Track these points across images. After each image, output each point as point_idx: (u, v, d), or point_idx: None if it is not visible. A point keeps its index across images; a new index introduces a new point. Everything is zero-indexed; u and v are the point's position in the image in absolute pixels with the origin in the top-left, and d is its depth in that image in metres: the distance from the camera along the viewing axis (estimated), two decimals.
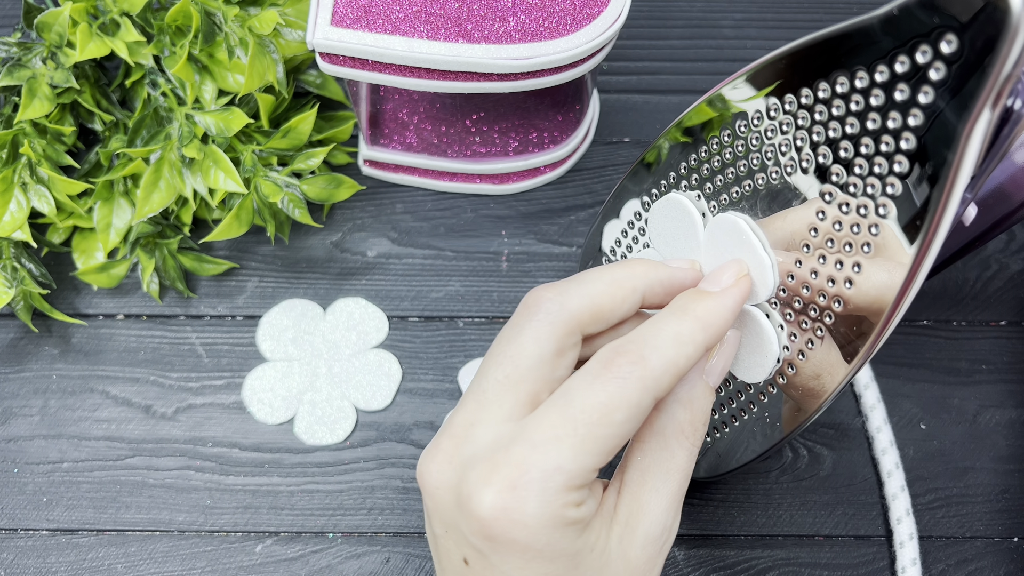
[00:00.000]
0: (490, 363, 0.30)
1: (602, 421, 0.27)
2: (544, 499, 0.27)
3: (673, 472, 0.30)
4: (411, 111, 0.46)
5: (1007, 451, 0.45)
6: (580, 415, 0.27)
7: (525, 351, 0.29)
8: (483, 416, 0.29)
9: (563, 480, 0.27)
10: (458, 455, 0.29)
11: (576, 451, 0.27)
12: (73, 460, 0.44)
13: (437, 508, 0.29)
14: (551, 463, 0.27)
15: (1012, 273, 0.48)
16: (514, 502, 0.27)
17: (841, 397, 0.46)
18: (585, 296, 0.30)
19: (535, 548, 0.27)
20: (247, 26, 0.43)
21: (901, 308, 0.29)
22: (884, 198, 0.28)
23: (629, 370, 0.28)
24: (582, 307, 0.29)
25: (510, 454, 0.27)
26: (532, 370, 0.29)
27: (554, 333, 0.29)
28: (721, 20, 0.54)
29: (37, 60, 0.44)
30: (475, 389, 0.30)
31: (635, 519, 0.29)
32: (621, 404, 0.27)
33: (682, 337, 0.29)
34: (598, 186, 0.50)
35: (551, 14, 0.39)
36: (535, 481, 0.27)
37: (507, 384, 0.29)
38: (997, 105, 0.24)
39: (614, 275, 0.30)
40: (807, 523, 0.44)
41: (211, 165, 0.43)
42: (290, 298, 0.47)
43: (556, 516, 0.27)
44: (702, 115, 0.34)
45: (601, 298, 0.30)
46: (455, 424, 0.29)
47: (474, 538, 0.28)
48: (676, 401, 0.31)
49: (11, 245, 0.44)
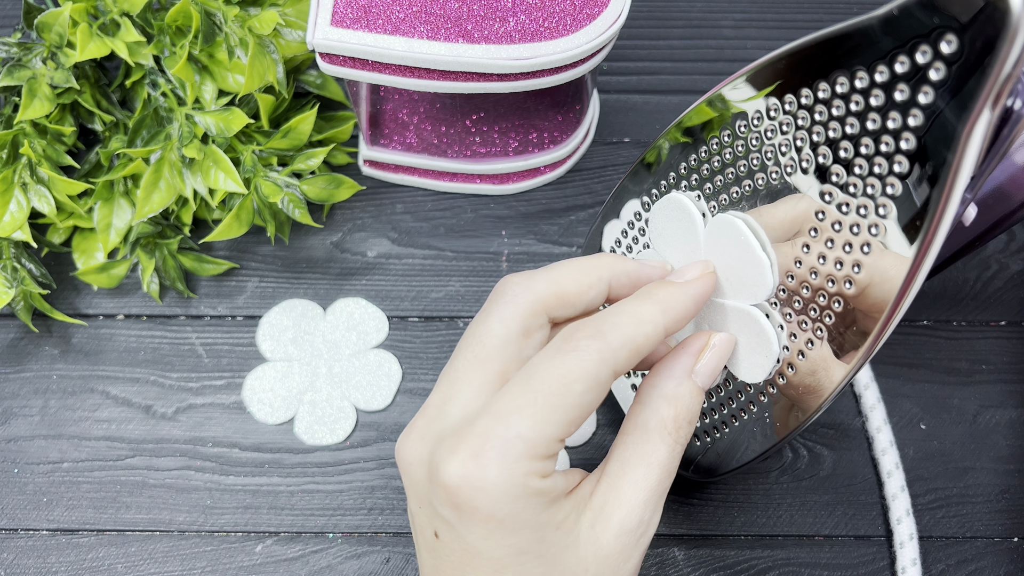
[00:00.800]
0: (462, 345, 0.31)
1: (561, 391, 0.28)
2: (504, 466, 0.28)
3: (654, 466, 0.31)
4: (411, 111, 0.46)
5: (1007, 451, 0.45)
6: (540, 386, 0.28)
7: (492, 331, 0.30)
8: (453, 394, 0.30)
9: (523, 448, 0.28)
10: (430, 431, 0.30)
11: (536, 420, 0.28)
12: (73, 460, 0.44)
13: (412, 484, 0.30)
14: (512, 432, 0.28)
15: (1012, 273, 0.48)
16: (476, 470, 0.28)
17: (841, 397, 0.46)
18: (551, 281, 0.31)
19: (497, 517, 0.28)
20: (247, 26, 0.43)
21: (901, 308, 0.29)
22: (884, 198, 0.28)
23: (587, 344, 0.29)
24: (547, 291, 0.31)
25: (474, 426, 0.28)
26: (498, 349, 0.30)
27: (519, 313, 0.30)
28: (721, 20, 0.54)
29: (37, 60, 0.44)
30: (448, 371, 0.31)
31: (611, 507, 0.30)
32: (580, 375, 0.28)
33: (642, 316, 0.30)
34: (598, 186, 0.50)
35: (551, 14, 0.39)
36: (495, 448, 0.28)
37: (476, 363, 0.30)
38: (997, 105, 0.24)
39: (581, 264, 0.32)
40: (807, 523, 0.44)
41: (211, 165, 0.43)
42: (290, 298, 0.47)
43: (519, 485, 0.28)
44: (702, 115, 0.34)
45: (567, 283, 0.31)
46: (429, 404, 0.31)
47: (442, 508, 0.29)
48: (661, 396, 0.31)
49: (11, 245, 0.44)
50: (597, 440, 0.45)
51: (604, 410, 0.46)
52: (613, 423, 0.45)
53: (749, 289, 0.33)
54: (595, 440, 0.45)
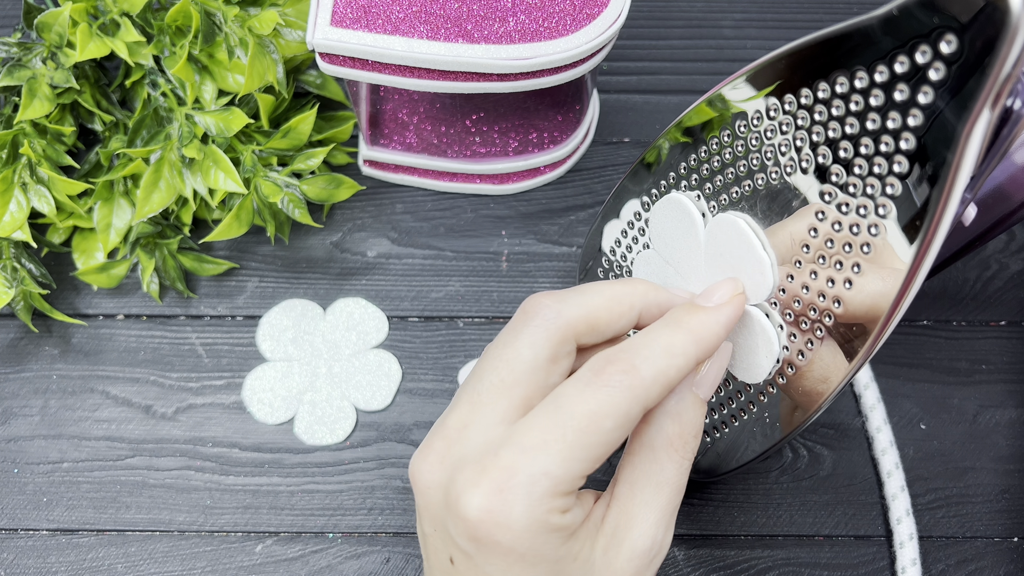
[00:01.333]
0: (486, 366, 0.30)
1: (591, 428, 0.27)
2: (530, 504, 0.27)
3: (663, 485, 0.30)
4: (411, 111, 0.46)
5: (1007, 451, 0.45)
6: (569, 421, 0.27)
7: (521, 356, 0.29)
8: (476, 418, 0.29)
9: (549, 485, 0.27)
10: (449, 456, 0.29)
11: (564, 457, 0.27)
12: (73, 460, 0.44)
13: (427, 507, 0.30)
14: (538, 468, 0.27)
15: (1012, 273, 0.48)
16: (500, 505, 0.27)
17: (841, 397, 0.46)
18: (583, 306, 0.30)
19: (517, 552, 0.27)
20: (247, 26, 0.43)
21: (901, 308, 0.29)
22: (884, 198, 0.28)
23: (620, 379, 0.28)
24: (579, 316, 0.30)
25: (499, 458, 0.27)
26: (527, 375, 0.29)
27: (550, 340, 0.29)
28: (721, 20, 0.54)
29: (37, 60, 0.44)
30: (469, 390, 0.30)
31: (622, 531, 0.30)
32: (611, 412, 0.28)
33: (674, 349, 0.29)
34: (598, 186, 0.50)
35: (551, 14, 0.39)
36: (521, 485, 0.27)
37: (501, 388, 0.29)
38: (997, 105, 0.24)
39: (614, 290, 0.31)
40: (807, 523, 0.44)
41: (211, 165, 0.43)
42: (290, 298, 0.47)
43: (541, 521, 0.27)
44: (702, 115, 0.34)
45: (599, 311, 0.30)
46: (448, 425, 0.30)
47: (460, 539, 0.28)
48: (665, 414, 0.31)
49: (11, 245, 0.44)
50: None
51: None
52: None
53: (749, 289, 0.32)
54: None
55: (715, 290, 0.32)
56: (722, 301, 0.32)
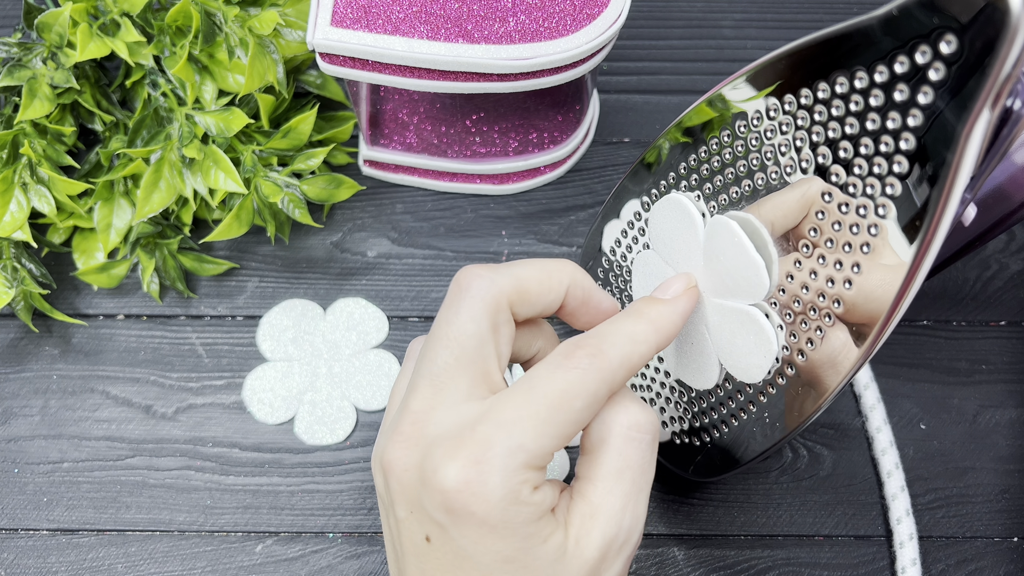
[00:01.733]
0: (436, 345, 0.31)
1: (562, 406, 0.29)
2: (505, 475, 0.28)
3: (624, 470, 0.31)
4: (411, 111, 0.46)
5: (1007, 451, 0.45)
6: (542, 399, 0.29)
7: (465, 330, 0.31)
8: (441, 399, 0.30)
9: (524, 458, 0.28)
10: (422, 437, 0.30)
11: (538, 432, 0.29)
12: (73, 460, 0.44)
13: (402, 489, 0.30)
14: (514, 441, 0.28)
15: (1012, 273, 0.48)
16: (477, 475, 0.28)
17: (841, 397, 0.46)
18: (514, 276, 0.32)
19: (490, 522, 0.28)
20: (247, 26, 0.43)
21: (901, 308, 0.29)
22: (883, 198, 0.28)
23: (588, 362, 0.29)
24: (511, 285, 0.31)
25: (475, 432, 0.29)
26: (476, 348, 0.30)
27: (487, 309, 0.31)
28: (721, 20, 0.54)
29: (37, 60, 0.44)
30: (426, 372, 0.31)
31: (589, 521, 0.30)
32: (580, 392, 0.29)
33: (637, 336, 0.31)
34: (598, 186, 0.50)
35: (551, 14, 0.39)
36: (498, 456, 0.28)
37: (457, 366, 0.30)
38: (996, 105, 0.24)
39: (544, 265, 0.33)
40: (807, 523, 0.44)
41: (211, 165, 0.43)
42: (290, 298, 0.47)
43: (515, 492, 0.28)
44: (702, 115, 0.34)
45: (530, 281, 0.32)
46: (414, 409, 0.30)
47: (436, 512, 0.29)
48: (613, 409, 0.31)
49: (11, 245, 0.44)
50: None
51: None
52: None
53: (746, 290, 0.33)
54: None
55: (670, 284, 0.34)
56: (677, 294, 0.34)
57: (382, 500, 0.32)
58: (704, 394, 0.37)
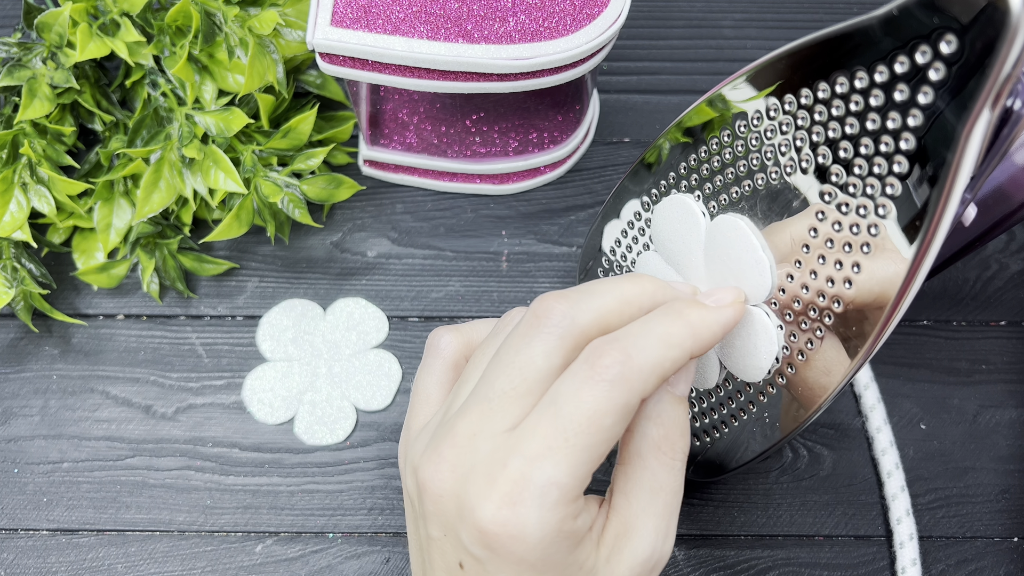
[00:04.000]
0: (497, 371, 0.29)
1: (592, 428, 0.27)
2: (542, 515, 0.27)
3: (658, 491, 0.30)
4: (411, 111, 0.46)
5: (1007, 451, 0.45)
6: (569, 424, 0.27)
7: (535, 363, 0.29)
8: (485, 427, 0.29)
9: (559, 495, 0.27)
10: (460, 465, 0.29)
11: (570, 462, 0.27)
12: (73, 460, 0.44)
13: (438, 512, 0.29)
14: (546, 478, 0.27)
15: (1012, 273, 0.48)
16: (514, 518, 0.27)
17: (841, 397, 0.46)
18: (595, 311, 0.29)
19: (529, 561, 0.28)
20: (247, 26, 0.43)
21: (901, 308, 0.29)
22: (883, 198, 0.28)
23: (617, 371, 0.27)
24: (591, 322, 0.29)
25: (507, 469, 0.27)
26: (539, 383, 0.29)
27: (563, 347, 0.29)
28: (721, 20, 0.54)
29: (37, 60, 0.44)
30: (480, 396, 0.29)
31: (623, 540, 0.30)
32: (609, 409, 0.27)
33: (671, 339, 0.29)
34: (598, 186, 0.50)
35: (551, 14, 0.39)
36: (533, 498, 0.27)
37: (514, 396, 0.29)
38: (997, 105, 0.24)
39: (624, 292, 0.30)
40: (807, 523, 0.44)
41: (211, 165, 0.43)
42: (290, 298, 0.47)
43: (555, 530, 0.27)
44: (702, 115, 0.34)
45: (610, 316, 0.29)
46: (458, 432, 0.29)
47: (474, 547, 0.28)
48: (645, 419, 0.30)
49: (11, 245, 0.44)
50: None
51: None
52: None
53: (749, 290, 0.32)
54: None
55: (720, 291, 0.32)
56: (724, 304, 0.31)
57: (412, 507, 0.31)
58: (704, 394, 0.37)
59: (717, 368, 0.35)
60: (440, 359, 0.34)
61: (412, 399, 0.34)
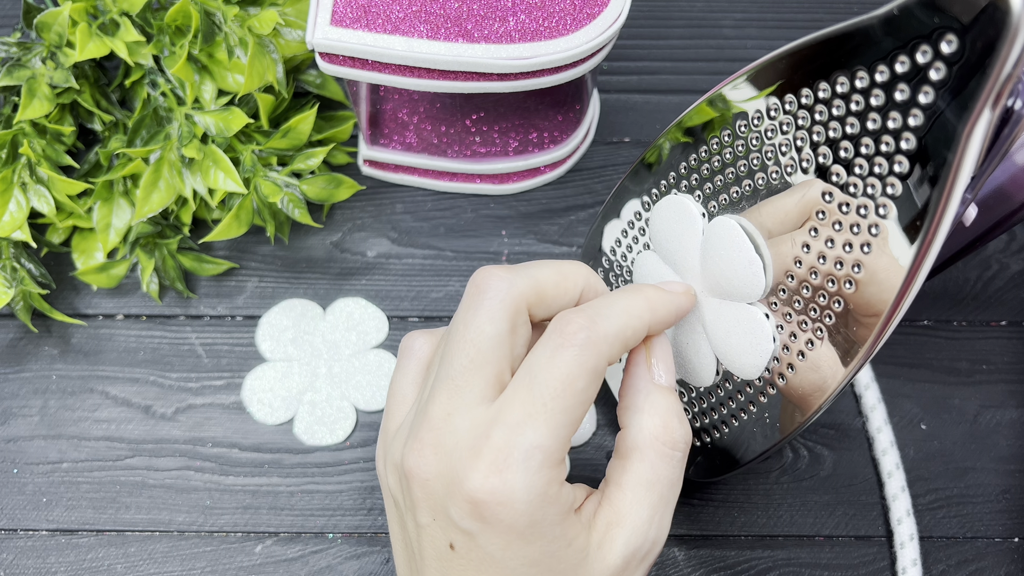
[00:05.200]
0: (453, 348, 0.31)
1: (567, 392, 0.29)
2: (528, 478, 0.28)
3: (655, 483, 0.31)
4: (411, 111, 0.46)
5: (1007, 451, 0.45)
6: (545, 390, 0.29)
7: (484, 332, 0.30)
8: (457, 404, 0.30)
9: (542, 457, 0.28)
10: (442, 445, 0.30)
11: (549, 426, 0.29)
12: (73, 460, 0.44)
13: (427, 496, 0.30)
14: (529, 441, 0.28)
15: (1012, 273, 0.48)
16: (502, 483, 0.28)
17: (841, 397, 0.46)
18: (532, 278, 0.31)
19: (518, 527, 0.28)
20: (247, 26, 0.43)
21: (901, 308, 0.29)
22: (884, 198, 0.28)
23: (584, 336, 0.29)
24: (529, 287, 0.31)
25: (491, 438, 0.29)
26: (493, 350, 0.30)
27: (506, 311, 0.30)
28: (721, 20, 0.54)
29: (37, 60, 0.44)
30: (443, 377, 0.31)
31: (615, 528, 0.30)
32: (580, 372, 0.29)
33: (632, 310, 0.31)
34: (598, 186, 0.50)
35: (551, 14, 0.39)
36: (518, 462, 0.28)
37: (472, 368, 0.30)
38: (997, 105, 0.24)
39: (561, 267, 0.32)
40: (807, 523, 0.44)
41: (211, 165, 0.43)
42: (290, 298, 0.47)
43: (540, 493, 0.28)
44: (703, 115, 0.34)
45: (547, 283, 0.31)
46: (432, 415, 0.30)
47: (464, 521, 0.29)
48: (639, 412, 0.32)
49: (11, 245, 0.44)
50: (597, 440, 0.45)
51: (603, 410, 0.46)
52: (612, 423, 0.45)
53: (743, 290, 0.33)
54: (595, 440, 0.45)
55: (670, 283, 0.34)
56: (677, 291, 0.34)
57: (396, 505, 0.32)
58: (704, 394, 0.37)
59: (713, 367, 0.36)
60: (414, 359, 0.34)
61: (388, 401, 0.35)
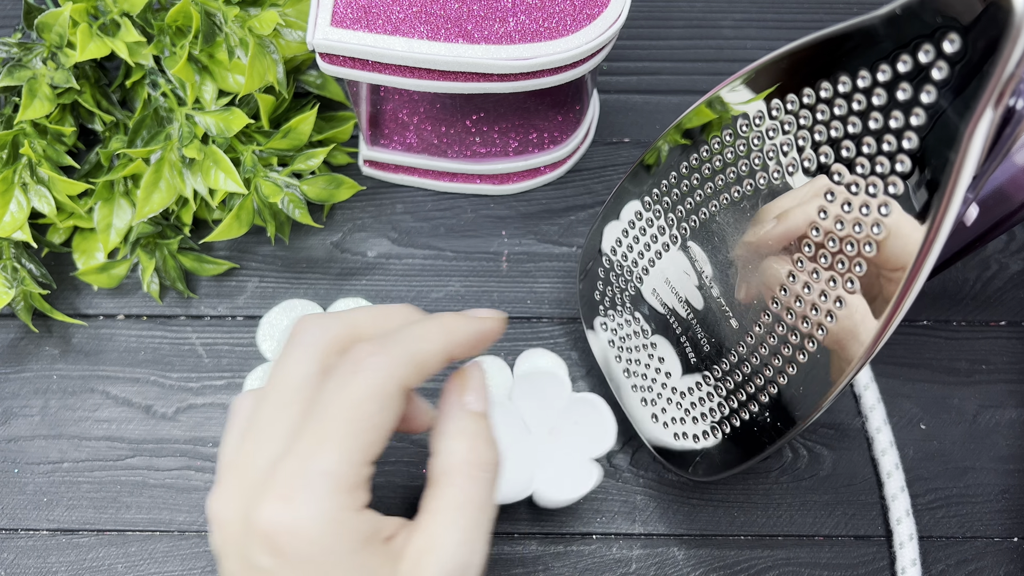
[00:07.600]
0: (264, 397, 0.31)
1: (357, 416, 0.28)
2: (317, 505, 0.27)
3: (465, 505, 0.30)
4: (411, 111, 0.46)
5: (1007, 451, 0.45)
6: (335, 415, 0.28)
7: (289, 374, 0.30)
8: (261, 445, 0.29)
9: (332, 484, 0.28)
10: (243, 486, 0.29)
11: (340, 451, 0.28)
12: (73, 460, 0.44)
13: (228, 540, 0.29)
14: (315, 468, 0.28)
15: (1012, 273, 0.48)
16: (290, 513, 0.27)
17: (841, 397, 0.46)
18: (346, 319, 0.31)
19: (315, 560, 0.27)
20: (247, 26, 0.43)
21: (902, 308, 0.29)
22: (886, 197, 0.28)
23: (372, 361, 0.29)
24: (342, 327, 0.31)
25: (279, 470, 0.28)
26: (298, 391, 0.30)
27: (315, 353, 0.30)
28: (721, 20, 0.54)
29: (37, 60, 0.44)
30: (253, 424, 0.30)
31: (427, 555, 0.29)
32: (368, 395, 0.28)
33: (425, 334, 0.31)
34: (598, 186, 0.50)
35: (551, 14, 0.39)
36: (304, 489, 0.27)
37: (277, 407, 0.30)
38: (1000, 105, 0.24)
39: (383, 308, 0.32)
40: (807, 523, 0.44)
41: (211, 165, 0.43)
42: (290, 298, 0.47)
43: (332, 520, 0.28)
44: (702, 116, 0.34)
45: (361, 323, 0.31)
46: (239, 462, 0.30)
47: (262, 559, 0.28)
48: (448, 437, 0.31)
49: (11, 245, 0.44)
50: None
51: None
52: None
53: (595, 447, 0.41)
54: None
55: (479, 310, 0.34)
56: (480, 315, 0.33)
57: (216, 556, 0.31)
58: (705, 395, 0.37)
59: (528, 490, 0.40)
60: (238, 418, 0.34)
61: None
